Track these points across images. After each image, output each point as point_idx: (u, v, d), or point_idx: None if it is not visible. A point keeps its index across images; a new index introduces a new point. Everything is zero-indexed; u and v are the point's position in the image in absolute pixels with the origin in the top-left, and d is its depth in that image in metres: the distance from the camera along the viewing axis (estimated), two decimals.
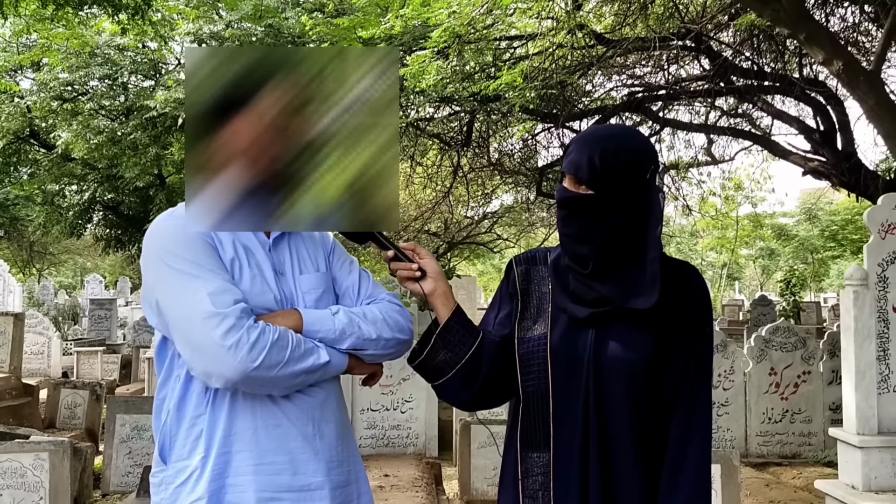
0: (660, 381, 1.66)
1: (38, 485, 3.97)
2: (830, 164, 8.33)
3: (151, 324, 1.73)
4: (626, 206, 1.64)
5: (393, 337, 1.79)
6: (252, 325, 1.59)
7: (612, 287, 1.65)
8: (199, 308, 1.58)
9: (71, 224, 12.85)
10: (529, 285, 1.81)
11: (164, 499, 1.69)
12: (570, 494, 1.66)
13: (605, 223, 1.64)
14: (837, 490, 3.82)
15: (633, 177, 1.64)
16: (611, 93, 9.98)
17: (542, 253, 1.86)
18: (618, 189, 1.63)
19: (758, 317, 14.48)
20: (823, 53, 4.96)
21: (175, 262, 1.63)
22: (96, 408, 7.48)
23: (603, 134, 1.68)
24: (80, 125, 9.96)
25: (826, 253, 29.91)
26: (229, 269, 1.68)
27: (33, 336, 10.72)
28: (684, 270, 1.73)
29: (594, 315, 1.66)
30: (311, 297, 1.78)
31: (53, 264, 30.99)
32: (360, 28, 7.03)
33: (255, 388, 1.64)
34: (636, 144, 1.68)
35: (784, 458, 6.21)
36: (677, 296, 1.68)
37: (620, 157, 1.62)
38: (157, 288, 1.66)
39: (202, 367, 1.60)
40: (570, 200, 1.67)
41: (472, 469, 5.56)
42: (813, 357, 6.40)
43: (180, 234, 1.66)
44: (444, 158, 11.98)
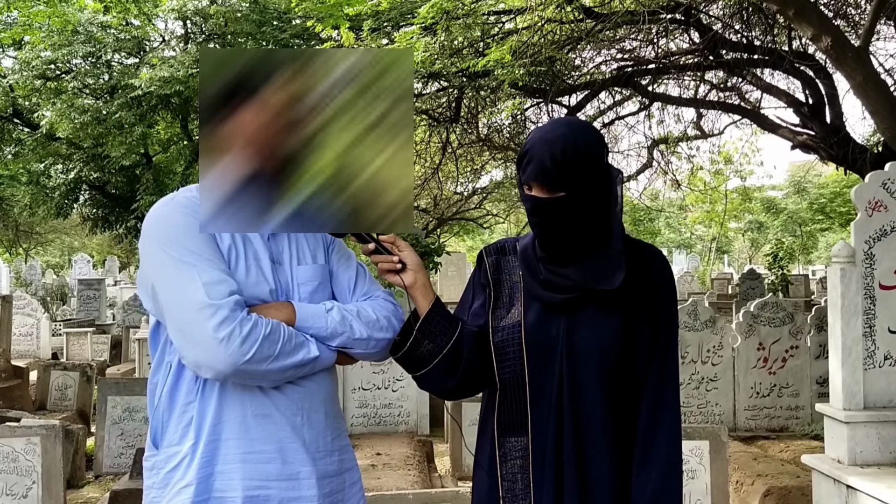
0: (630, 360, 1.71)
1: (30, 469, 3.97)
2: (819, 138, 8.33)
3: (146, 308, 1.73)
4: (595, 195, 1.69)
5: (384, 338, 1.80)
6: (245, 318, 1.60)
7: (581, 272, 1.70)
8: (193, 298, 1.58)
9: (57, 204, 12.73)
10: (500, 275, 1.85)
11: (156, 483, 1.71)
12: (545, 476, 1.70)
13: (580, 218, 1.69)
14: (823, 464, 3.87)
15: (596, 164, 1.69)
16: (600, 67, 9.92)
17: (511, 242, 1.90)
18: (586, 182, 1.67)
19: (747, 290, 14.58)
20: (812, 29, 4.94)
21: (172, 249, 1.63)
22: (87, 389, 7.48)
23: (555, 134, 1.69)
24: (64, 104, 9.80)
25: (814, 226, 30.08)
26: (226, 258, 1.68)
27: (22, 317, 10.68)
28: (647, 252, 1.79)
29: (566, 301, 1.71)
30: (306, 288, 1.79)
31: (40, 244, 30.79)
32: (346, 5, 6.94)
33: (245, 380, 1.65)
34: (587, 132, 1.72)
35: (772, 432, 6.29)
36: (642, 276, 1.73)
37: (580, 149, 1.66)
38: (154, 274, 1.66)
39: (193, 357, 1.60)
40: (544, 206, 1.69)
41: (463, 446, 5.60)
42: (801, 332, 6.46)
43: (179, 221, 1.66)
44: (432, 135, 11.90)
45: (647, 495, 1.67)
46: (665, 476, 1.68)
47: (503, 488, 1.74)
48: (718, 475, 3.83)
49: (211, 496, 1.65)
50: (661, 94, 10.49)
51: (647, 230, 31.65)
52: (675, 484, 1.70)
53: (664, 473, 1.68)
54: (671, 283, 1.78)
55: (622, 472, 1.70)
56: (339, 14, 6.91)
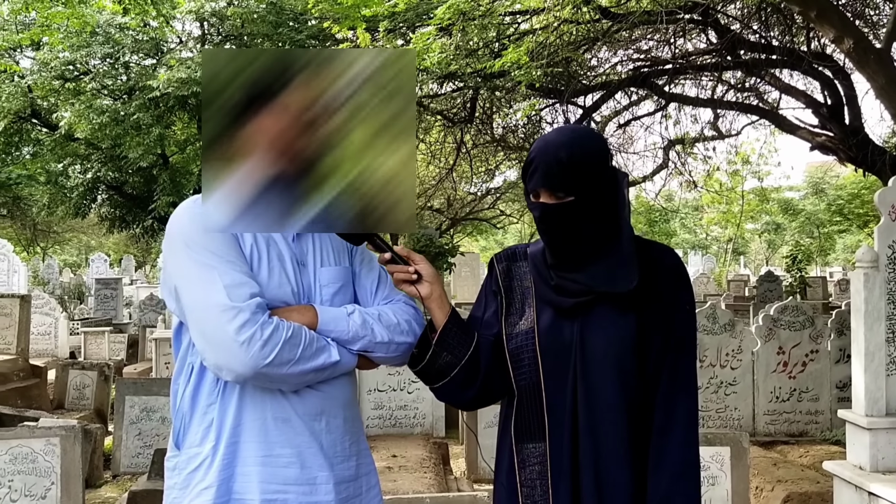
0: (644, 360, 1.70)
1: (49, 470, 3.99)
2: (838, 139, 8.26)
3: (170, 309, 1.74)
4: (602, 199, 1.69)
5: (405, 342, 1.80)
6: (266, 321, 1.59)
7: (592, 275, 1.70)
8: (214, 300, 1.59)
9: (75, 204, 12.81)
10: (512, 282, 1.85)
11: (177, 483, 1.72)
12: (562, 482, 1.69)
13: (588, 221, 1.69)
14: (845, 471, 3.83)
15: (602, 167, 1.69)
16: (616, 68, 9.87)
17: (522, 248, 1.90)
18: (593, 185, 1.67)
19: (764, 293, 14.46)
20: (834, 31, 4.88)
21: (195, 251, 1.63)
22: (105, 388, 7.52)
23: (560, 140, 1.69)
24: (82, 105, 9.87)
25: (832, 227, 29.79)
26: (248, 260, 1.68)
27: (40, 317, 10.76)
28: (658, 250, 1.78)
29: (577, 304, 1.70)
30: (328, 290, 1.79)
31: (58, 243, 31.03)
32: (363, 6, 6.94)
33: (265, 384, 1.65)
34: (590, 136, 1.74)
35: (791, 437, 6.23)
36: (654, 275, 1.72)
37: (586, 153, 1.67)
38: (177, 275, 1.67)
39: (214, 359, 1.61)
40: (553, 212, 1.69)
41: (479, 448, 5.59)
42: (821, 336, 6.39)
43: (202, 223, 1.65)
44: (447, 135, 11.90)
45: (660, 495, 1.65)
46: (679, 475, 1.66)
47: (522, 494, 1.74)
48: (739, 482, 3.80)
49: (231, 498, 1.66)
50: (678, 94, 10.42)
51: (662, 231, 31.51)
52: (690, 484, 1.67)
53: (678, 473, 1.66)
54: (684, 279, 1.76)
55: (639, 475, 1.68)
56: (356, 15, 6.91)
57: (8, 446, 3.97)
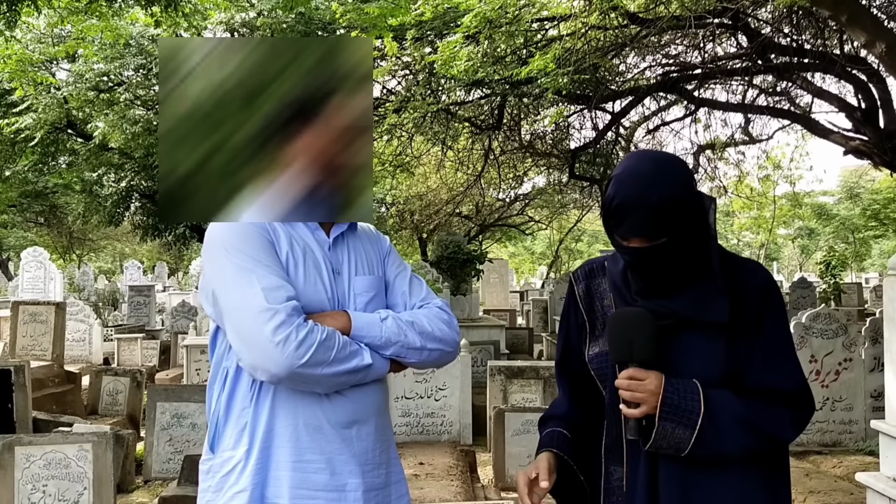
0: (734, 385, 1.65)
1: (81, 475, 4.06)
2: (872, 143, 8.11)
3: (207, 313, 1.78)
4: (693, 231, 1.63)
5: (437, 348, 1.83)
6: (301, 324, 1.63)
7: (682, 303, 1.65)
8: (252, 302, 1.63)
9: (109, 213, 13.04)
10: (592, 302, 1.82)
11: (212, 486, 1.76)
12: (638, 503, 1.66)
13: (681, 256, 1.64)
14: (879, 483, 3.75)
15: (691, 201, 1.62)
16: (645, 73, 9.81)
17: (599, 263, 1.86)
18: (685, 223, 1.61)
19: (797, 299, 14.24)
20: (866, 35, 4.80)
21: (234, 255, 1.68)
22: (137, 394, 7.63)
23: (646, 178, 1.60)
24: (116, 115, 10.06)
25: (868, 232, 29.24)
26: (284, 266, 1.72)
27: (75, 323, 10.96)
28: (748, 270, 1.72)
29: (662, 327, 1.65)
30: (362, 299, 1.82)
31: (93, 250, 31.59)
32: (390, 16, 6.99)
33: (299, 385, 1.68)
34: (675, 170, 1.64)
35: (824, 447, 6.12)
36: (744, 298, 1.66)
37: (675, 192, 1.59)
38: (215, 280, 1.71)
39: (250, 359, 1.65)
40: (647, 256, 1.64)
41: (506, 456, 5.57)
42: (854, 344, 6.27)
43: (240, 229, 1.71)
44: (475, 142, 11.92)
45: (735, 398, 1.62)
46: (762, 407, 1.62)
47: None
48: None
49: (263, 503, 1.69)
50: (708, 99, 10.33)
51: None
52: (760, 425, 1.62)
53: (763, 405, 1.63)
54: (773, 295, 1.70)
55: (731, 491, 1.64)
56: (383, 25, 6.96)
57: (42, 452, 4.05)
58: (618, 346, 1.66)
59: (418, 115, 9.08)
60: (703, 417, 1.58)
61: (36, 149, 11.68)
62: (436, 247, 14.36)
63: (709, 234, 1.68)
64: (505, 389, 6.69)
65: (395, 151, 11.53)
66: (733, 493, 1.64)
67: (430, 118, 9.86)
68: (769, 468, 1.68)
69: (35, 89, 10.31)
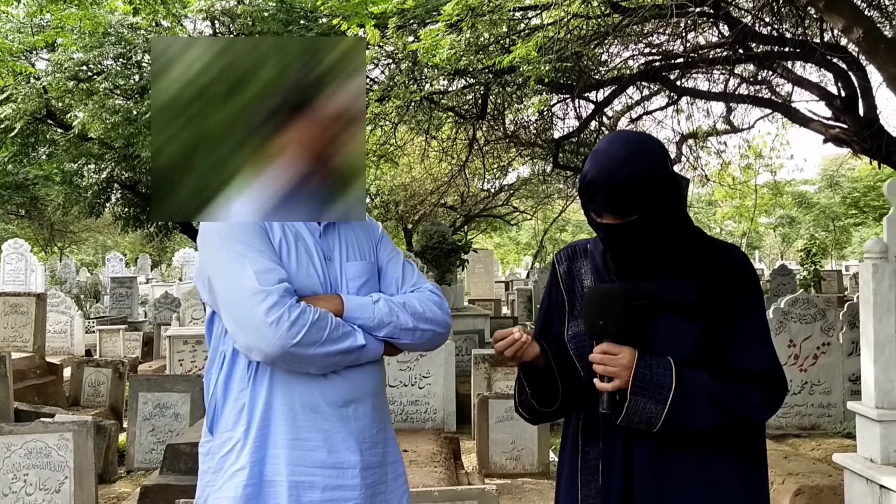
0: (709, 365, 1.68)
1: (62, 464, 4.05)
2: (852, 131, 8.18)
3: (203, 299, 1.83)
4: (666, 209, 1.66)
5: (429, 329, 1.86)
6: (294, 304, 1.67)
7: (658, 284, 1.69)
8: (245, 284, 1.67)
9: (90, 203, 12.92)
10: (573, 283, 1.85)
11: (211, 467, 1.79)
12: (614, 479, 1.70)
13: (653, 234, 1.67)
14: (856, 463, 3.80)
15: (664, 180, 1.65)
16: (627, 62, 9.83)
17: (582, 246, 1.89)
18: (657, 201, 1.64)
19: (778, 286, 14.37)
20: (843, 21, 4.84)
21: (227, 241, 1.72)
22: (119, 385, 7.60)
23: (618, 156, 1.63)
24: (95, 105, 9.94)
25: (848, 220, 29.54)
26: (277, 252, 1.76)
27: (56, 315, 10.88)
28: (725, 252, 1.75)
29: (640, 307, 1.68)
30: (355, 283, 1.85)
31: (74, 242, 31.34)
32: (371, 3, 6.95)
33: (292, 365, 1.71)
34: (649, 147, 1.67)
35: (803, 430, 6.20)
36: (720, 280, 1.69)
37: (647, 169, 1.62)
38: (210, 266, 1.76)
39: (245, 341, 1.68)
40: (619, 232, 1.67)
41: (490, 443, 5.61)
42: (833, 328, 6.35)
43: None
44: (459, 132, 11.90)
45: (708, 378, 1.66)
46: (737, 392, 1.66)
47: (581, 494, 1.76)
48: None
49: (262, 480, 1.72)
50: (690, 88, 10.37)
51: None
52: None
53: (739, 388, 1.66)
54: (749, 276, 1.74)
55: (705, 482, 1.66)
56: (365, 12, 6.92)
57: (23, 441, 4.03)
58: (592, 321, 1.68)
59: (401, 103, 9.06)
60: (675, 393, 1.61)
61: (16, 140, 11.55)
62: (420, 237, 14.35)
63: (683, 215, 1.70)
64: (489, 377, 6.73)
65: (379, 141, 11.50)
66: (708, 474, 1.66)
67: (414, 107, 9.84)
68: (745, 450, 1.71)
69: (14, 79, 10.18)
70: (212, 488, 1.76)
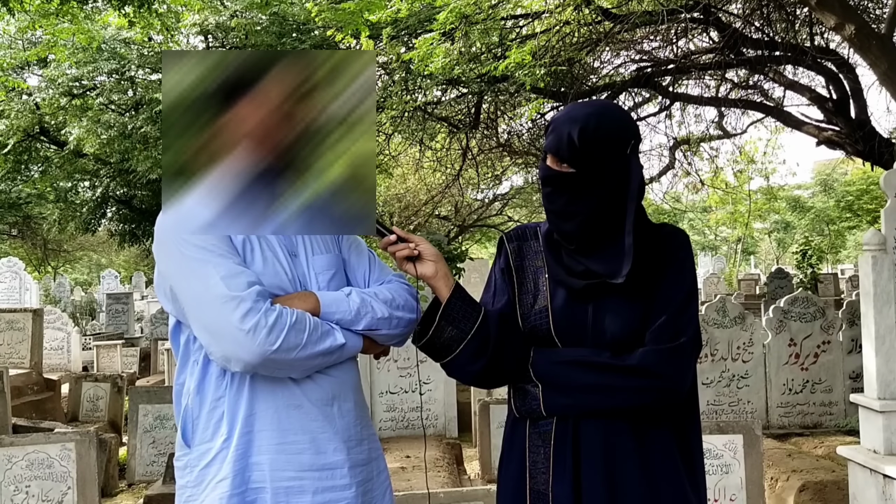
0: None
1: (65, 475, 4.02)
2: (844, 134, 8.25)
3: (167, 310, 1.75)
4: (606, 181, 1.68)
5: (404, 316, 1.82)
6: (269, 309, 1.60)
7: (596, 262, 1.71)
8: (214, 292, 1.59)
9: (85, 220, 12.91)
10: (523, 261, 1.85)
11: (190, 481, 1.72)
12: (566, 463, 1.69)
13: (586, 199, 1.69)
14: (859, 455, 3.81)
15: (614, 153, 1.68)
16: (619, 69, 9.89)
17: (533, 227, 1.89)
18: (598, 166, 1.67)
19: (775, 290, 14.40)
20: (835, 18, 4.89)
21: (186, 248, 1.64)
22: (118, 400, 7.55)
23: (582, 112, 1.68)
24: (89, 121, 9.96)
25: (842, 224, 29.66)
26: (241, 252, 1.70)
27: (52, 332, 10.82)
28: (664, 232, 1.77)
29: (588, 287, 1.71)
30: (324, 277, 1.81)
31: (68, 261, 31.21)
32: (366, 12, 6.99)
33: (273, 371, 1.65)
34: (615, 120, 1.70)
35: (805, 429, 6.20)
36: (662, 261, 1.72)
37: (600, 134, 1.66)
38: (171, 275, 1.67)
39: (221, 351, 1.61)
40: (553, 178, 1.71)
41: (492, 448, 5.58)
42: (832, 327, 6.37)
43: (188, 224, 1.65)
44: (452, 141, 11.94)
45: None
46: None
47: (529, 474, 1.75)
48: (753, 470, 3.78)
49: (247, 488, 1.66)
50: (682, 93, 10.43)
51: None
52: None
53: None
54: (687, 254, 1.76)
55: (650, 464, 1.68)
56: (359, 21, 6.96)
57: (24, 452, 4.00)
58: None
59: (396, 113, 9.09)
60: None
61: (8, 157, 11.54)
62: None
63: (627, 194, 1.70)
64: None
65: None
66: (650, 454, 1.69)
67: (408, 117, 9.87)
68: (679, 429, 1.73)
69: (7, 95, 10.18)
70: (193, 503, 1.71)
